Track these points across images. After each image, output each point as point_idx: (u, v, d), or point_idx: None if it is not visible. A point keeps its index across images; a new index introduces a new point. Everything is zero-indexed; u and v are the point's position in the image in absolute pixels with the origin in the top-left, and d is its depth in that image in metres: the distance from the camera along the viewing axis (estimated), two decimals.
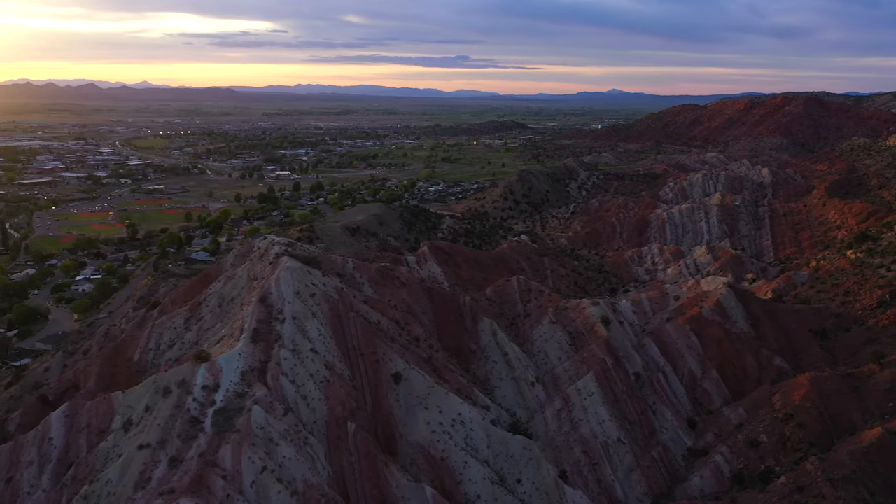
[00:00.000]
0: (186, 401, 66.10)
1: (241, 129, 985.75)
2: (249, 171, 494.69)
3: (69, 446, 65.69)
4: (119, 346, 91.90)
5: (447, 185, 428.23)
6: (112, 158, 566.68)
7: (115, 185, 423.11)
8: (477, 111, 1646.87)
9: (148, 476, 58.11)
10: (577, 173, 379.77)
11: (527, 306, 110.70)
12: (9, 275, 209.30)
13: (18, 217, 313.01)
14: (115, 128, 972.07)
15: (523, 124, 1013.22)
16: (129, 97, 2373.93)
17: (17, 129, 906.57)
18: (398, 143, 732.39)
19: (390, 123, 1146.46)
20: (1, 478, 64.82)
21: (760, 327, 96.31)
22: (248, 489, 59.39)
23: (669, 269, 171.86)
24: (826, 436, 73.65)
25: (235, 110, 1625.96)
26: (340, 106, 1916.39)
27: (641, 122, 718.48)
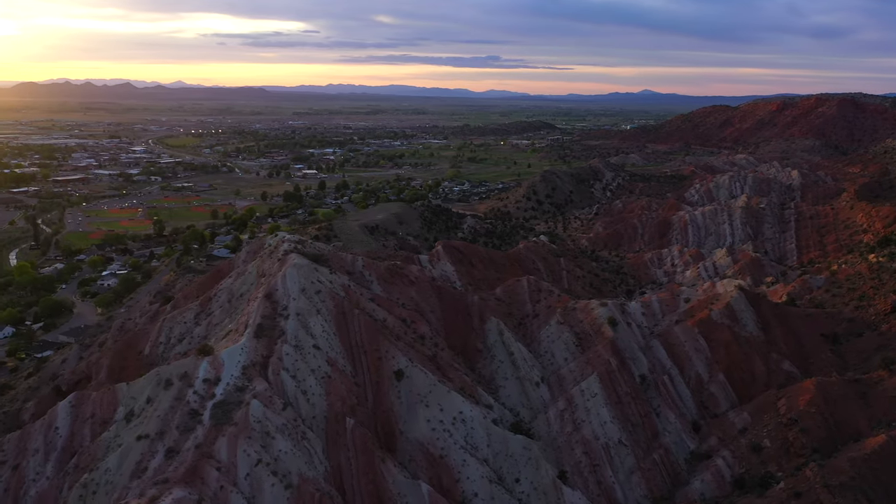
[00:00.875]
0: (187, 393, 67.42)
1: (272, 128, 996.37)
2: (277, 169, 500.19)
3: (74, 435, 67.40)
4: (130, 339, 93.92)
5: (472, 185, 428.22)
6: (144, 156, 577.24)
7: (146, 183, 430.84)
8: (506, 111, 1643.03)
9: (144, 466, 59.47)
10: (602, 174, 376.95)
11: (536, 306, 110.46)
12: (38, 269, 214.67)
13: (51, 213, 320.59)
14: (148, 126, 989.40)
15: (552, 125, 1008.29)
16: (164, 96, 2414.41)
17: (55, 128, 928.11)
18: (425, 143, 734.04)
19: (419, 123, 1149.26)
20: (8, 465, 66.73)
21: (771, 331, 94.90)
22: (242, 481, 60.42)
23: (688, 272, 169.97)
24: (830, 442, 72.42)
25: (266, 110, 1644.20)
26: (370, 106, 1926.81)
27: (670, 123, 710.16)
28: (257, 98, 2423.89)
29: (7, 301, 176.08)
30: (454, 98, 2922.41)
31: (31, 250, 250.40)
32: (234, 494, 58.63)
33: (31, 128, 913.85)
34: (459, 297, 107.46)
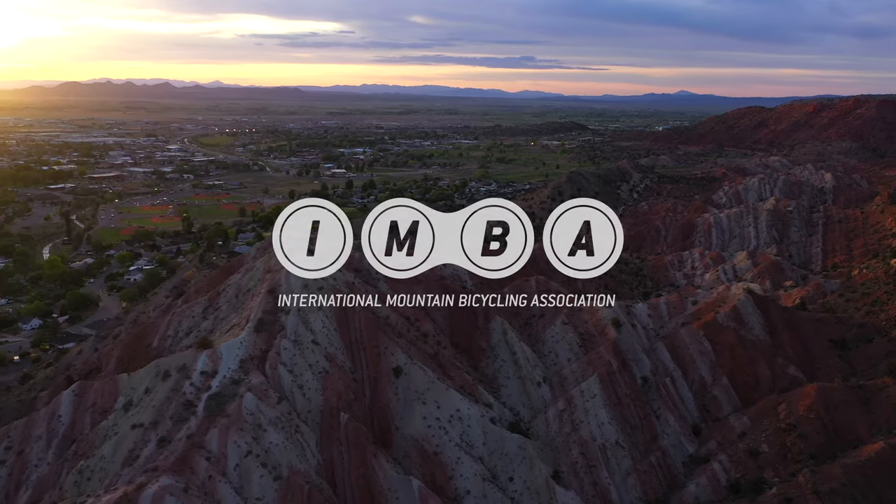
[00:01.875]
0: (184, 385, 69.12)
1: (305, 127, 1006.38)
2: (307, 168, 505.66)
3: (75, 423, 69.58)
4: (141, 332, 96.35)
5: (499, 186, 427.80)
6: (178, 155, 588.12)
7: (178, 181, 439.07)
8: (539, 112, 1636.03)
9: (137, 454, 61.21)
10: (629, 175, 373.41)
11: (544, 307, 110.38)
12: (68, 263, 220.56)
13: (85, 209, 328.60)
14: (185, 125, 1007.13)
15: (584, 125, 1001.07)
16: (202, 96, 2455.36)
17: (95, 126, 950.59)
18: (455, 144, 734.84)
19: (450, 123, 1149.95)
20: (14, 450, 69.16)
21: (778, 335, 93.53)
22: (231, 471, 61.79)
23: (707, 275, 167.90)
24: (828, 448, 71.30)
25: (301, 109, 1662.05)
26: (403, 106, 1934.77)
27: (704, 124, 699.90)
28: (292, 98, 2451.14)
29: (36, 294, 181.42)
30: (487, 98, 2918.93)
31: (63, 245, 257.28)
32: (223, 484, 60.01)
33: (72, 126, 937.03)
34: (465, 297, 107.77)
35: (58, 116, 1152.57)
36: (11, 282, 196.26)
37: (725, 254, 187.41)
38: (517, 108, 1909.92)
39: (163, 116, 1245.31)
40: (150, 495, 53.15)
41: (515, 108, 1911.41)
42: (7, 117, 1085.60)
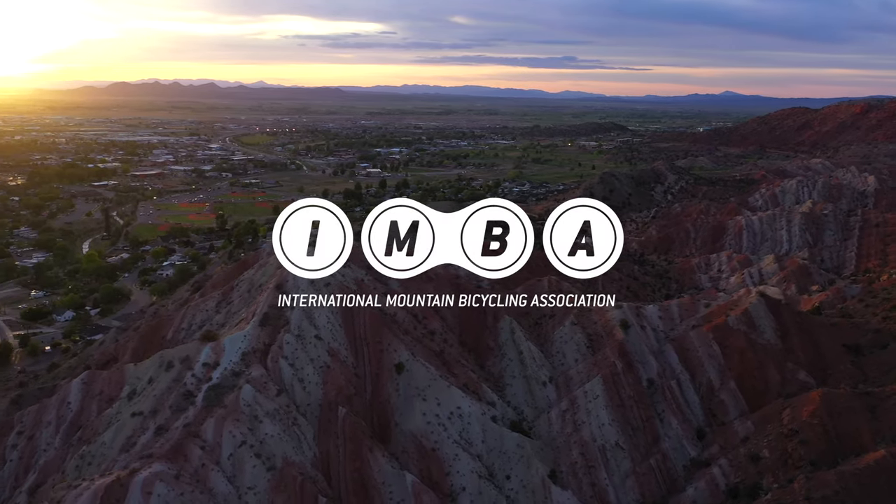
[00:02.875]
0: (185, 376, 71.12)
1: (344, 127, 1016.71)
2: (342, 167, 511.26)
3: (82, 411, 72.15)
4: (157, 324, 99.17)
5: (532, 186, 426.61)
6: (219, 153, 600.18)
7: (217, 179, 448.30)
8: (579, 113, 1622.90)
9: (134, 441, 63.26)
10: (664, 177, 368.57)
11: (554, 307, 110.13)
12: (105, 258, 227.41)
13: (126, 206, 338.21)
14: (227, 125, 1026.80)
15: (623, 126, 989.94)
16: (246, 96, 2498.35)
17: (141, 125, 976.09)
18: (492, 144, 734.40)
19: (489, 124, 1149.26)
20: (25, 435, 72.10)
21: (789, 339, 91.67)
22: (225, 461, 63.41)
23: (733, 278, 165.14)
24: (830, 455, 69.79)
25: (341, 109, 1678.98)
26: (442, 106, 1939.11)
27: (745, 125, 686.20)
28: (333, 98, 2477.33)
29: (72, 287, 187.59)
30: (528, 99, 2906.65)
31: (102, 240, 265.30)
32: (215, 473, 61.65)
33: (120, 125, 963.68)
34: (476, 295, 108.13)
35: (107, 116, 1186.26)
36: (50, 275, 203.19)
37: (754, 257, 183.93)
38: (557, 109, 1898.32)
39: (207, 116, 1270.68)
40: (141, 480, 55.01)
41: (555, 109, 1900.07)
42: (59, 116, 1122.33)
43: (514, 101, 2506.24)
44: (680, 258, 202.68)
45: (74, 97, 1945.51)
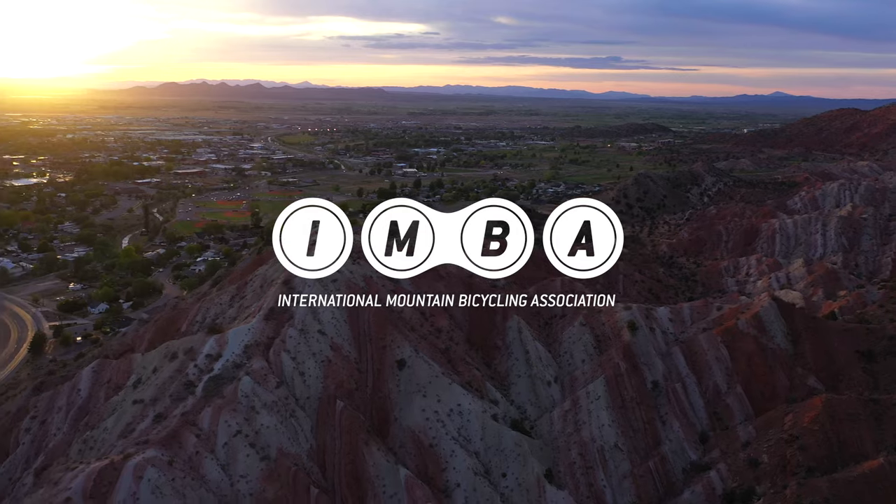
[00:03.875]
0: (188, 366, 73.34)
1: (385, 127, 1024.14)
2: (379, 167, 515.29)
3: (91, 398, 75.02)
4: (173, 316, 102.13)
5: (567, 187, 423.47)
6: (259, 152, 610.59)
7: (256, 177, 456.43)
8: (622, 113, 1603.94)
9: (133, 427, 65.58)
10: (701, 179, 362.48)
11: (566, 307, 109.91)
12: (142, 253, 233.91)
13: (166, 203, 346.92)
14: (271, 124, 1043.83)
15: (666, 127, 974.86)
16: (291, 96, 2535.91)
17: (188, 125, 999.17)
18: (530, 145, 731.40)
19: (529, 124, 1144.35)
20: (38, 419, 75.29)
21: (800, 344, 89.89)
22: (219, 449, 65.27)
23: (759, 282, 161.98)
24: (829, 461, 68.47)
25: (383, 109, 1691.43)
26: (484, 107, 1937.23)
27: (791, 126, 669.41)
28: (376, 98, 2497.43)
29: (107, 280, 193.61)
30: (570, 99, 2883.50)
31: (140, 236, 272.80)
32: (209, 460, 63.53)
33: (167, 124, 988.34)
34: (487, 294, 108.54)
35: (155, 115, 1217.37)
36: (88, 268, 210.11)
37: (783, 261, 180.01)
38: (600, 110, 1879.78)
39: (251, 116, 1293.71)
40: (133, 465, 57.11)
41: (598, 110, 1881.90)
42: (110, 116, 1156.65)
43: (557, 102, 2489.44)
44: (709, 261, 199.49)
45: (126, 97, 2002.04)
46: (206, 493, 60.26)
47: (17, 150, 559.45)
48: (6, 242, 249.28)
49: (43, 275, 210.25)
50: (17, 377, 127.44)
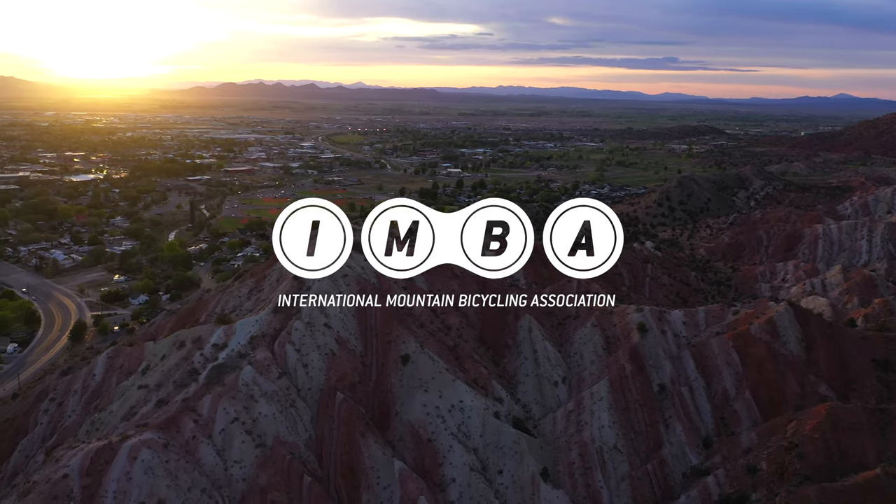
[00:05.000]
0: (194, 355, 76.10)
1: (434, 127, 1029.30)
2: (424, 167, 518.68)
3: (104, 382, 78.51)
4: (194, 307, 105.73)
5: (611, 189, 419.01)
6: (308, 151, 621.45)
7: (303, 176, 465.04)
8: (677, 115, 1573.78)
9: (136, 411, 68.50)
10: (749, 182, 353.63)
11: (580, 308, 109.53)
12: (185, 248, 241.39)
13: (214, 200, 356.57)
14: (322, 124, 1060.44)
15: (719, 129, 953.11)
16: (344, 97, 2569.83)
17: (242, 124, 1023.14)
18: (578, 146, 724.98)
19: (581, 126, 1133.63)
20: (56, 401, 79.19)
21: (814, 351, 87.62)
22: (216, 435, 67.64)
23: (794, 288, 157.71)
24: (828, 470, 66.84)
25: (435, 110, 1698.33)
26: (536, 108, 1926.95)
27: (851, 130, 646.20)
28: (428, 99, 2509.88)
29: (148, 273, 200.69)
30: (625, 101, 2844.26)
31: (186, 231, 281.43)
32: (205, 445, 65.91)
33: (222, 124, 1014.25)
34: (500, 293, 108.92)
35: (212, 115, 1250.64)
36: (133, 261, 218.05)
37: (821, 266, 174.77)
38: (654, 111, 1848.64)
39: (304, 115, 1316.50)
40: (129, 446, 59.80)
41: (652, 111, 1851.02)
42: (169, 115, 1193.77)
43: (610, 104, 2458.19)
44: (746, 266, 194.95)
45: (186, 97, 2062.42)
46: (199, 476, 62.61)
47: (79, 148, 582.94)
48: (60, 235, 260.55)
49: (91, 266, 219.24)
50: (55, 363, 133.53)
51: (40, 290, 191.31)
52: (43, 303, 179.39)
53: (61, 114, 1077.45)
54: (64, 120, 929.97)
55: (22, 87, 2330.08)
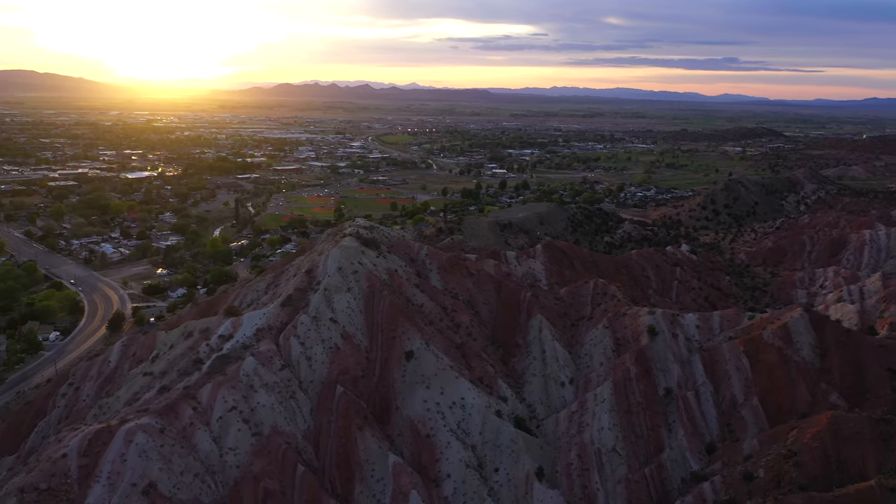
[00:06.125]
0: (200, 345, 78.73)
1: (484, 128, 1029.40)
2: (470, 167, 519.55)
3: (117, 369, 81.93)
4: (214, 300, 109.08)
5: (658, 191, 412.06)
6: (357, 151, 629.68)
7: (349, 175, 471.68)
8: (735, 117, 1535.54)
9: (139, 397, 71.32)
10: (800, 186, 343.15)
11: (595, 309, 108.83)
12: (228, 244, 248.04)
13: (260, 197, 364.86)
14: (373, 124, 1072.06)
15: (778, 132, 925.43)
16: (398, 97, 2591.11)
17: (295, 124, 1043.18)
18: (628, 147, 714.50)
19: (633, 127, 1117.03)
20: (74, 385, 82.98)
21: (829, 358, 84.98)
22: (214, 422, 69.91)
23: (830, 295, 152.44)
24: (824, 480, 65.01)
25: (486, 111, 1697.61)
26: (589, 109, 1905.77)
27: None
28: (481, 99, 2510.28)
29: (188, 267, 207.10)
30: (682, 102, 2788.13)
31: (230, 227, 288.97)
32: (202, 432, 68.22)
33: (276, 123, 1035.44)
34: (514, 293, 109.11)
35: (268, 114, 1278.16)
36: (176, 256, 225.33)
37: (865, 273, 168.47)
38: (712, 113, 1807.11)
39: (357, 116, 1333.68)
40: (126, 429, 62.42)
41: (710, 113, 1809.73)
42: (226, 114, 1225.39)
43: (667, 105, 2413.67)
44: (785, 272, 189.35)
45: (243, 97, 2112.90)
46: (193, 461, 64.90)
47: (138, 146, 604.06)
48: (111, 229, 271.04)
49: (137, 260, 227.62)
50: (91, 351, 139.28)
51: (87, 281, 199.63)
52: (88, 294, 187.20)
53: (125, 113, 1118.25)
54: (127, 119, 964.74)
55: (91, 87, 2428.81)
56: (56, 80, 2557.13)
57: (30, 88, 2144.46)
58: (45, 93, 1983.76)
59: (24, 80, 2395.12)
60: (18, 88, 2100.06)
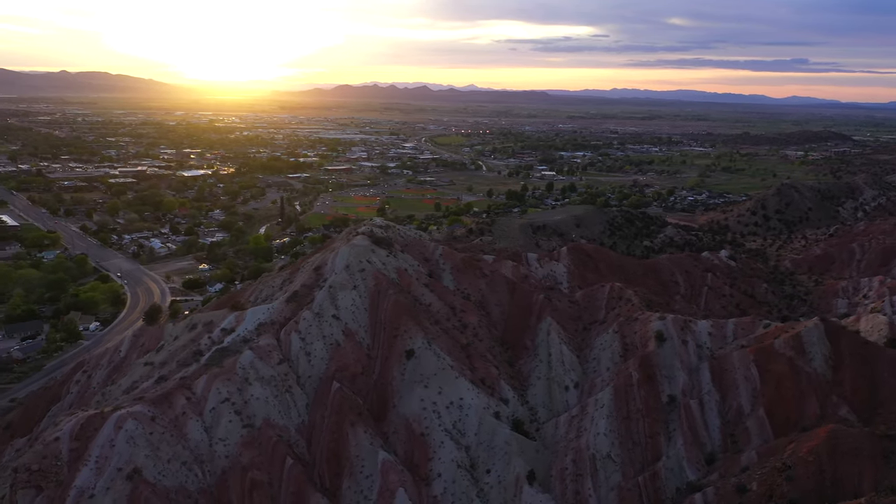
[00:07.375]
0: (202, 337, 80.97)
1: (539, 130, 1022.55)
2: (518, 169, 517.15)
3: (126, 358, 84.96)
4: (234, 295, 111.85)
5: (709, 196, 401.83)
6: (409, 152, 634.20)
7: (397, 175, 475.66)
8: (801, 119, 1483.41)
9: (137, 385, 73.80)
10: (859, 192, 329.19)
11: (609, 314, 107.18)
12: (270, 241, 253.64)
13: (308, 196, 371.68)
14: (428, 126, 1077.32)
15: (845, 135, 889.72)
16: (455, 99, 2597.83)
17: (352, 124, 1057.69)
18: (684, 150, 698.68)
19: (694, 130, 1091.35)
20: (87, 373, 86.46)
21: (842, 371, 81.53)
22: (206, 413, 71.83)
23: (871, 306, 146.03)
24: (816, 496, 62.59)
25: (543, 113, 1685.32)
26: (649, 111, 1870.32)
27: None
28: (539, 101, 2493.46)
29: (228, 263, 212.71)
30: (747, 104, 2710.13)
31: (276, 225, 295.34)
32: (193, 421, 70.18)
33: (334, 124, 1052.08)
34: (528, 295, 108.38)
35: (325, 115, 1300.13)
36: (219, 252, 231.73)
37: None
38: (777, 116, 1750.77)
39: (413, 117, 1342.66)
40: (117, 416, 64.79)
41: (775, 116, 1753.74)
42: (285, 115, 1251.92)
43: (730, 107, 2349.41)
44: (830, 280, 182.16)
45: (303, 98, 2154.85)
46: (182, 449, 66.86)
47: (197, 145, 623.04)
48: (161, 225, 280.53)
49: (183, 255, 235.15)
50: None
51: (133, 275, 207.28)
52: (132, 287, 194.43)
53: (189, 113, 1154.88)
54: (190, 119, 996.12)
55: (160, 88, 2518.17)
56: (128, 81, 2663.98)
57: (103, 90, 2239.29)
58: (117, 94, 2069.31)
59: (99, 81, 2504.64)
60: (93, 89, 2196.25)
